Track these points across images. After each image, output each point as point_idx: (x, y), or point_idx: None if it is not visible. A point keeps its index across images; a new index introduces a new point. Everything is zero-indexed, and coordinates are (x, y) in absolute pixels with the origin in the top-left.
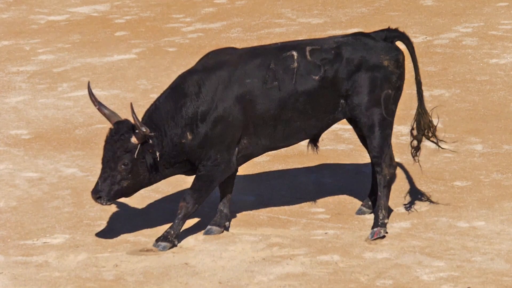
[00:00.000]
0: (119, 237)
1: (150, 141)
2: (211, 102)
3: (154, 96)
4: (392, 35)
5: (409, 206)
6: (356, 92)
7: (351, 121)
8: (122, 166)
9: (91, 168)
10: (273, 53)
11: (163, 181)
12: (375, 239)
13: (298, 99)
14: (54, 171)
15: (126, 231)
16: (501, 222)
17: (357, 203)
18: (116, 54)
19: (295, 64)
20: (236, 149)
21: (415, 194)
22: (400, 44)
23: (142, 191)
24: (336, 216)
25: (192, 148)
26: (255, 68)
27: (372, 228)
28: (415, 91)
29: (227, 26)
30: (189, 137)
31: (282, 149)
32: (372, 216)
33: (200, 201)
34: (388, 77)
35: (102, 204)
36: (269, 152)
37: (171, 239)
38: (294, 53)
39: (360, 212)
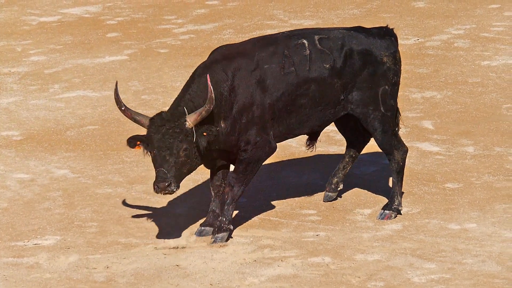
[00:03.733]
0: (110, 239)
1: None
2: (238, 88)
3: (146, 97)
4: (389, 33)
5: (400, 208)
6: (357, 87)
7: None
8: (184, 151)
9: (82, 170)
10: (284, 41)
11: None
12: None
13: (311, 86)
14: (46, 173)
15: (117, 232)
16: (492, 224)
17: (348, 205)
18: (107, 56)
19: (307, 52)
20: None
21: (406, 196)
22: None
23: (133, 192)
24: (327, 218)
25: (226, 135)
26: (271, 54)
27: (384, 209)
28: (405, 93)
29: (219, 27)
30: (222, 125)
31: None
32: (363, 218)
33: (246, 184)
34: (386, 73)
35: (172, 191)
36: None
37: (226, 227)
38: (305, 41)
39: (327, 198)
